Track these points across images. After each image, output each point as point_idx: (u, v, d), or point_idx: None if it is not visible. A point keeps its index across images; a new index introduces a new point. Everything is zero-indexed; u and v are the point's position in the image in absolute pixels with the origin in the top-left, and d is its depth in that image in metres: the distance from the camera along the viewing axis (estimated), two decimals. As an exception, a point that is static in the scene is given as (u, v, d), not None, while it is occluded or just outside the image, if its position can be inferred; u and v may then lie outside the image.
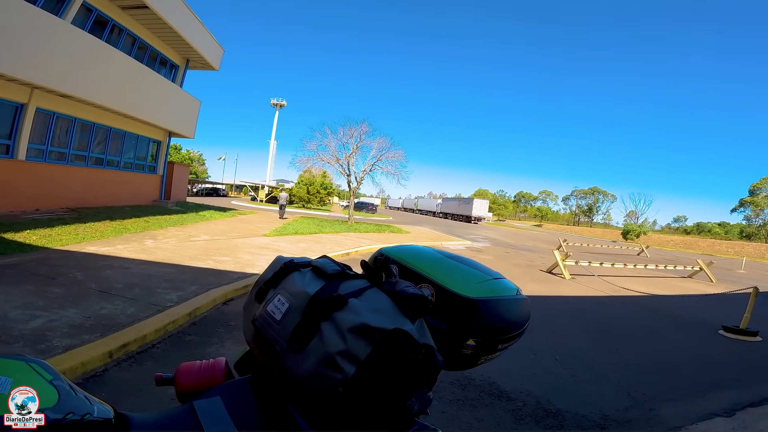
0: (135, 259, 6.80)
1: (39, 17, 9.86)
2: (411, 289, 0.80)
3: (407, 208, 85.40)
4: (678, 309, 8.60)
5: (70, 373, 3.01)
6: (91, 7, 12.21)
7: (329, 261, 0.93)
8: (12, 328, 3.56)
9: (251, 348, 0.90)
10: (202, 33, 17.67)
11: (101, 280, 5.33)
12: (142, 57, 15.50)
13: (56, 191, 12.31)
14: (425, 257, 1.05)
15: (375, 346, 0.71)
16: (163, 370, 3.18)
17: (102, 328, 3.79)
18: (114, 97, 13.46)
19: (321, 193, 41.42)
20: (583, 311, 7.45)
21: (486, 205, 61.67)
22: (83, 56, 11.66)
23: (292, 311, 0.80)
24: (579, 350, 5.12)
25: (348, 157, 23.37)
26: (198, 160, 75.20)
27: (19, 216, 9.94)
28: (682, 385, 4.35)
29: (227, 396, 0.82)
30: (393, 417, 0.74)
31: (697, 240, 53.14)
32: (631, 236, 50.32)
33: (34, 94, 10.93)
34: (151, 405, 2.81)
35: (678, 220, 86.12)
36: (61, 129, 12.56)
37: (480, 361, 0.96)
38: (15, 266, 5.49)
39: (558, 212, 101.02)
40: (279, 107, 66.40)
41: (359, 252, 11.52)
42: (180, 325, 4.41)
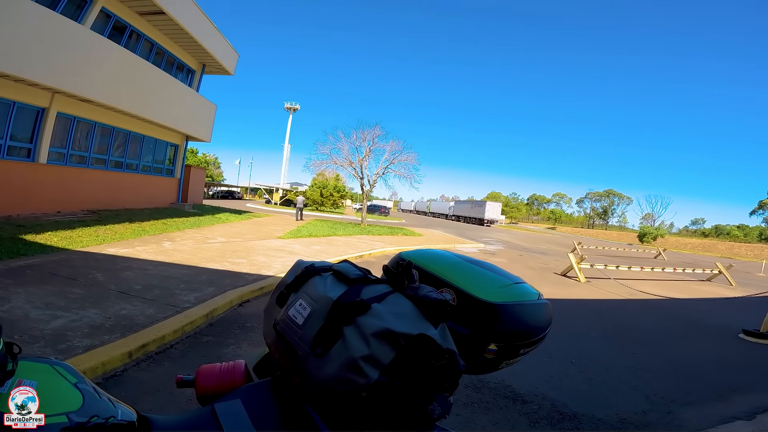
0: (153, 261, 6.92)
1: (59, 23, 10.11)
2: (434, 294, 0.80)
3: (420, 210, 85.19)
4: (697, 312, 8.45)
5: (91, 373, 3.04)
6: (109, 13, 12.48)
7: (351, 265, 0.93)
8: (33, 328, 3.61)
9: (272, 351, 0.90)
10: (217, 38, 17.96)
11: (121, 281, 5.43)
12: (159, 62, 15.81)
13: (77, 194, 12.59)
14: (445, 261, 1.04)
15: (399, 351, 0.71)
16: (181, 370, 3.21)
17: (122, 329, 3.85)
18: (133, 101, 13.74)
19: (334, 196, 41.67)
20: (599, 314, 7.37)
21: (499, 207, 61.17)
22: (102, 61, 11.92)
23: (314, 316, 0.80)
24: (595, 353, 5.06)
25: (361, 160, 23.43)
26: (214, 164, 76.15)
27: (40, 218, 10.19)
28: (701, 389, 4.28)
29: (247, 399, 0.83)
30: (413, 421, 0.74)
31: (716, 243, 52.03)
32: (648, 239, 49.43)
33: (54, 99, 11.20)
34: (168, 405, 2.85)
35: (696, 222, 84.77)
36: (81, 133, 12.85)
37: (501, 365, 0.95)
38: (37, 267, 5.60)
39: (572, 215, 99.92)
40: (293, 111, 67.22)
41: (372, 254, 11.55)
42: (197, 326, 4.46)
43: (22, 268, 5.47)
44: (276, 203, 45.51)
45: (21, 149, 10.68)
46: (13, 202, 10.26)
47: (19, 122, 10.45)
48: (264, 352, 1.04)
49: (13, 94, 9.97)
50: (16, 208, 10.30)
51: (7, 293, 4.38)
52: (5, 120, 10.01)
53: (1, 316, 3.75)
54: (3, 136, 9.98)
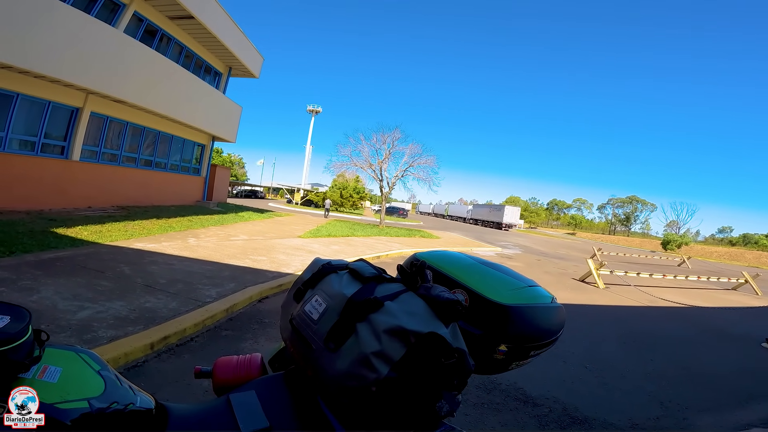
0: (178, 256, 7.10)
1: (94, 26, 10.51)
2: (446, 294, 0.81)
3: (438, 213, 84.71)
4: (719, 321, 8.24)
5: (113, 363, 3.10)
6: (141, 17, 12.90)
7: (366, 264, 0.95)
8: (60, 318, 3.69)
9: (287, 345, 0.92)
10: (244, 42, 18.36)
11: (147, 274, 5.59)
12: (188, 65, 16.26)
13: (108, 190, 13.04)
14: (459, 263, 1.05)
15: (409, 348, 0.72)
16: (200, 362, 3.34)
17: (145, 321, 3.94)
18: (163, 102, 14.18)
19: (353, 197, 41.94)
20: (617, 320, 7.24)
21: (517, 212, 60.35)
22: (135, 63, 12.33)
23: (329, 312, 0.82)
24: (611, 359, 4.99)
25: (381, 162, 23.58)
26: (238, 163, 77.34)
27: (72, 213, 10.56)
28: (719, 396, 4.21)
29: (262, 391, 0.85)
30: (421, 417, 0.75)
31: (743, 252, 50.05)
32: (672, 246, 47.94)
33: (88, 99, 11.64)
34: (186, 395, 2.93)
35: (723, 231, 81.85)
36: (113, 132, 13.31)
37: (511, 366, 0.96)
38: (66, 259, 5.76)
39: (592, 221, 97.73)
40: (315, 113, 67.83)
41: (390, 255, 11.60)
42: (218, 320, 4.55)
43: (52, 260, 5.61)
44: (297, 203, 45.97)
45: (55, 147, 11.12)
46: (46, 197, 10.67)
47: (53, 121, 10.88)
48: (280, 346, 1.07)
49: (48, 94, 10.39)
50: (49, 202, 10.72)
51: (36, 284, 4.51)
52: (40, 119, 10.43)
53: (30, 306, 3.83)
54: (38, 134, 10.40)
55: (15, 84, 9.42)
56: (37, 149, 10.43)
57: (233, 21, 16.79)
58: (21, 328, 0.71)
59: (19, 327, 0.71)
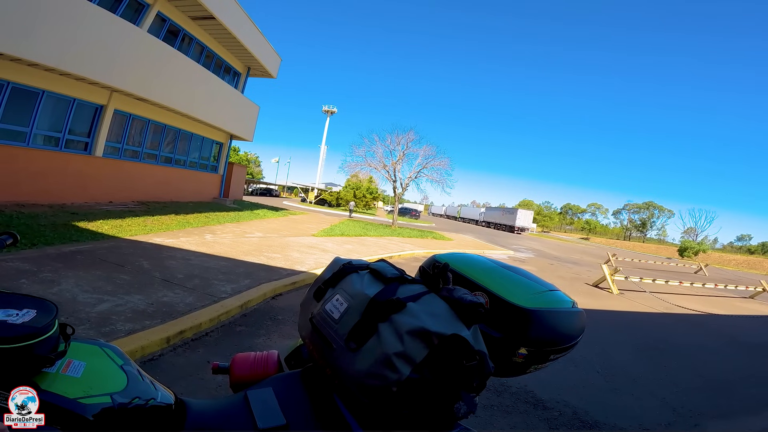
0: (195, 252, 7.21)
1: (119, 26, 10.73)
2: (468, 297, 0.81)
3: (450, 215, 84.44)
4: (736, 329, 8.10)
5: (130, 356, 3.16)
6: (164, 17, 13.16)
7: (387, 265, 0.96)
8: (80, 311, 3.74)
9: (306, 344, 0.92)
10: (262, 43, 18.57)
11: (165, 269, 5.69)
12: (209, 65, 16.53)
13: (128, 186, 13.31)
14: (480, 266, 1.05)
15: (432, 349, 0.73)
16: (215, 357, 3.40)
17: (162, 315, 3.98)
18: (184, 101, 14.43)
19: (367, 198, 42.11)
20: (630, 326, 7.16)
21: (530, 215, 59.78)
22: (158, 62, 12.57)
23: (350, 311, 0.83)
24: (624, 365, 4.95)
25: (394, 163, 23.62)
26: (254, 162, 78.08)
27: (93, 207, 10.81)
28: (732, 403, 4.17)
29: (279, 388, 0.86)
30: (438, 418, 0.76)
31: (762, 260, 48.62)
32: (689, 254, 46.85)
33: (112, 97, 11.90)
34: (200, 390, 2.96)
35: (742, 239, 79.67)
36: (135, 129, 13.59)
37: (530, 369, 0.96)
38: (87, 252, 5.88)
39: (607, 226, 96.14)
40: (330, 114, 68.19)
41: (402, 256, 11.61)
42: (232, 315, 4.61)
43: (73, 253, 5.72)
44: (311, 202, 46.23)
45: (78, 143, 11.39)
46: (68, 191, 10.93)
47: (78, 118, 11.14)
48: (296, 344, 1.10)
49: (73, 91, 10.63)
50: (71, 197, 10.99)
51: (57, 276, 4.58)
52: (65, 115, 10.69)
53: (51, 298, 3.85)
54: (62, 130, 10.66)
55: (40, 81, 9.66)
56: (61, 145, 10.69)
57: (253, 22, 17.00)
58: (47, 323, 0.71)
59: (45, 321, 0.71)
